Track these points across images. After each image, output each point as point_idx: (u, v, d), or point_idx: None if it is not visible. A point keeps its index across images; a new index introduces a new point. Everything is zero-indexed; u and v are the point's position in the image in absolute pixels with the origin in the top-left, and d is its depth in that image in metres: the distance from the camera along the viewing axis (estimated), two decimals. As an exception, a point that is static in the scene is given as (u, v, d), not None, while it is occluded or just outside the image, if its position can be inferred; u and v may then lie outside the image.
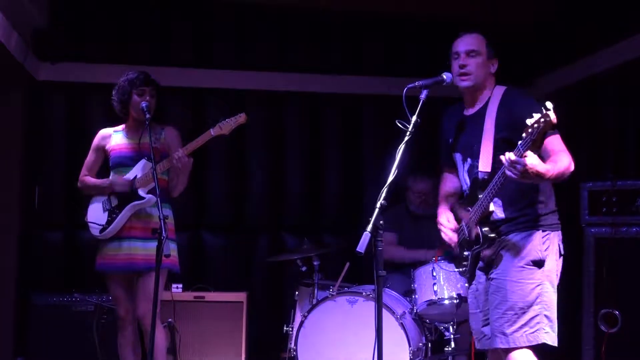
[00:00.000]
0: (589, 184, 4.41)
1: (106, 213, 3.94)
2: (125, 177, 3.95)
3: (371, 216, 2.67)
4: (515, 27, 5.62)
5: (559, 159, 2.77)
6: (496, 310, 2.90)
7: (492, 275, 2.94)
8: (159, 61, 5.67)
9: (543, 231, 2.91)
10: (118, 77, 5.57)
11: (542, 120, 2.49)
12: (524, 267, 2.86)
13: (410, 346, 4.05)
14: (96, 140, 4.15)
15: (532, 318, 2.84)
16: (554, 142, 2.80)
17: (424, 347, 4.22)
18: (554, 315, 2.89)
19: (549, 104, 2.50)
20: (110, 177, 4.03)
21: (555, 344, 2.88)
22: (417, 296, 4.29)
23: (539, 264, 2.87)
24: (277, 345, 4.84)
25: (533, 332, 2.84)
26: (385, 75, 5.85)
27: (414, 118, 2.85)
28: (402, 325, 4.07)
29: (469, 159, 3.06)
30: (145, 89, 3.92)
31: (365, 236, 2.63)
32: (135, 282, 3.92)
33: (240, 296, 5.05)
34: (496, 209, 2.91)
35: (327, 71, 5.90)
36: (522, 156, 2.57)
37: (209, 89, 5.81)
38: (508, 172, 2.65)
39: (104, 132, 4.16)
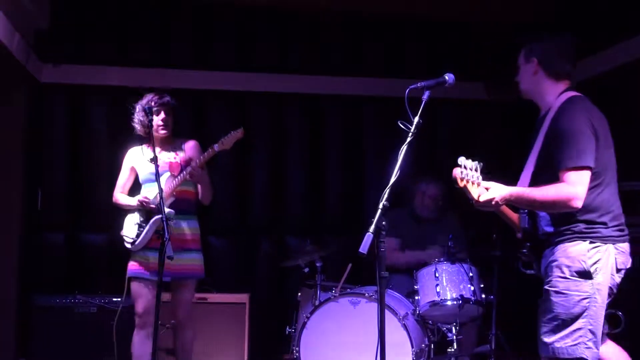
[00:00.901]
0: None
1: (136, 226, 4.22)
2: (150, 193, 4.21)
3: (373, 217, 2.67)
4: (515, 27, 5.62)
5: (547, 187, 2.80)
6: (541, 318, 2.88)
7: (545, 286, 2.91)
8: (159, 63, 5.69)
9: (591, 242, 2.83)
10: (119, 79, 5.63)
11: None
12: (568, 278, 2.82)
13: (412, 347, 4.05)
14: (126, 159, 4.42)
15: (576, 331, 2.79)
16: (565, 176, 2.79)
17: (426, 348, 4.22)
18: (598, 330, 2.83)
19: (460, 160, 2.77)
20: (140, 194, 4.29)
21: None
22: (419, 297, 4.29)
23: (584, 275, 2.81)
24: (279, 347, 4.84)
25: (574, 345, 2.79)
26: (385, 76, 5.85)
27: (416, 119, 2.84)
28: (405, 327, 4.07)
29: None
30: (161, 109, 4.21)
31: (368, 237, 2.62)
32: (173, 291, 4.28)
33: (243, 297, 5.06)
34: (544, 225, 2.93)
35: (328, 72, 5.90)
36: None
37: (209, 91, 5.82)
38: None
39: (132, 150, 4.40)
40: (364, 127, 6.02)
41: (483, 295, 4.27)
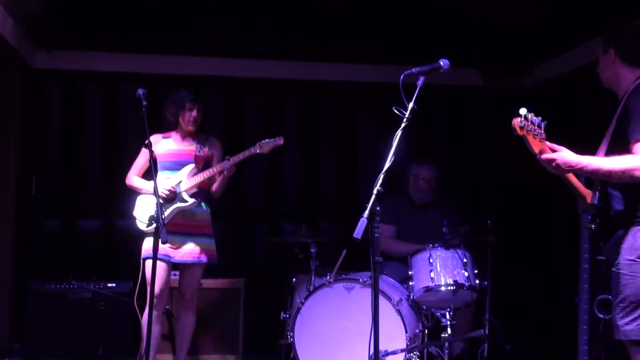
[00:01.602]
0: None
1: (152, 209, 4.21)
2: (171, 180, 4.35)
3: (368, 203, 2.67)
4: (513, 15, 5.60)
5: (618, 157, 2.78)
6: (614, 300, 2.88)
7: (613, 268, 2.90)
8: (156, 49, 5.65)
9: None
10: (114, 65, 5.60)
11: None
12: (635, 261, 2.81)
13: (406, 332, 4.06)
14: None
15: None
16: (635, 148, 2.77)
17: (420, 334, 4.23)
18: None
19: (522, 110, 2.67)
20: (157, 181, 4.26)
21: None
22: (413, 283, 4.30)
23: None
24: (274, 332, 4.85)
25: None
26: (383, 63, 5.82)
27: (410, 105, 2.82)
28: (399, 312, 4.08)
29: None
30: (194, 106, 4.41)
31: (362, 222, 2.61)
32: (182, 272, 4.42)
33: (238, 283, 5.07)
34: (616, 204, 2.90)
35: (326, 59, 5.88)
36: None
37: (205, 77, 5.79)
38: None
39: (153, 138, 4.40)
40: (361, 113, 6.01)
41: (477, 281, 4.28)
